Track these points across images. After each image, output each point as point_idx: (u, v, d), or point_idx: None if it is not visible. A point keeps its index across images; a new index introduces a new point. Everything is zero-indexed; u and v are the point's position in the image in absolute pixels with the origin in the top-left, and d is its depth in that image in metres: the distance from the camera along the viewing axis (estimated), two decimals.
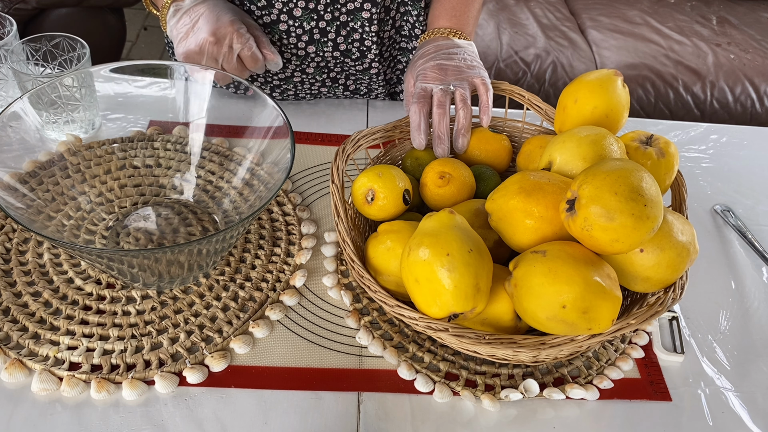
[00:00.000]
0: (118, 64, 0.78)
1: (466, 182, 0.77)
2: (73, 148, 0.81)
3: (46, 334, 0.67)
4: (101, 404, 0.63)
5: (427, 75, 0.83)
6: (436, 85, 0.81)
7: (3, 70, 0.85)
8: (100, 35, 1.89)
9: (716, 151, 1.05)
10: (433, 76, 0.83)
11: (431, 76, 0.83)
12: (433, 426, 0.65)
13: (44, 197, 0.75)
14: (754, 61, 2.02)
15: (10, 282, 0.71)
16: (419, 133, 0.79)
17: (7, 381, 0.64)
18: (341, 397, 0.66)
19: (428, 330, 0.62)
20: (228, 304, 0.72)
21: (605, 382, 0.69)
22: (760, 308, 0.80)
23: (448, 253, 0.61)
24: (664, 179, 0.73)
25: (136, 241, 0.76)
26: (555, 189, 0.66)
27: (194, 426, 0.62)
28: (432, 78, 0.83)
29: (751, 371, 0.73)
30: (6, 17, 0.86)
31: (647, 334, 0.75)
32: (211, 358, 0.67)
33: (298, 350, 0.69)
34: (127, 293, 0.71)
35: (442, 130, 0.79)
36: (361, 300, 0.75)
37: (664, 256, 0.63)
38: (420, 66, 0.85)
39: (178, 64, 0.80)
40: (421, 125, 0.79)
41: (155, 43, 2.69)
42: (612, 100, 0.76)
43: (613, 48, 1.99)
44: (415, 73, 0.85)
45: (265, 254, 0.77)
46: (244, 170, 0.82)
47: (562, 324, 0.60)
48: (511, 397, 0.66)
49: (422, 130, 0.79)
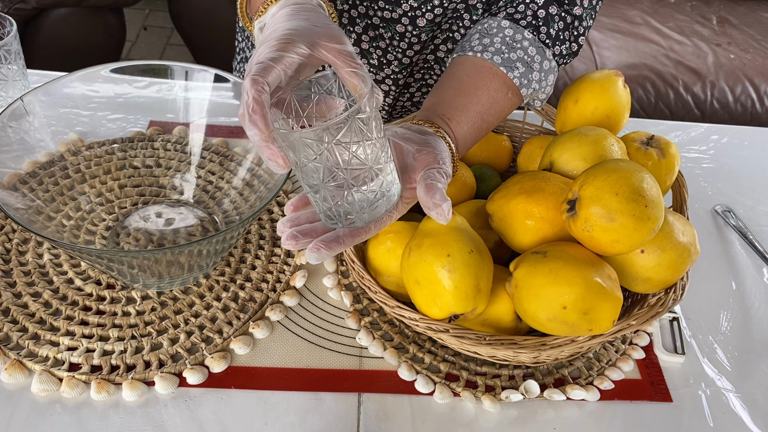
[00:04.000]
0: (118, 64, 0.78)
1: (466, 183, 0.76)
2: (73, 148, 0.81)
3: (45, 334, 0.67)
4: (101, 405, 0.63)
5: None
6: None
7: (3, 70, 0.85)
8: (100, 35, 1.89)
9: (717, 152, 1.05)
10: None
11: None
12: (434, 427, 0.65)
13: (44, 197, 0.75)
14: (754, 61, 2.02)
15: (10, 282, 0.71)
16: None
17: (7, 382, 0.63)
18: (341, 398, 0.66)
19: (429, 331, 0.62)
20: (228, 304, 0.72)
21: (606, 383, 0.69)
22: (760, 309, 0.80)
23: (448, 253, 0.60)
24: (664, 180, 0.73)
25: (136, 242, 0.76)
26: (556, 190, 0.66)
27: (194, 427, 0.62)
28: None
29: (752, 372, 0.73)
30: (6, 17, 0.85)
31: (648, 335, 0.75)
32: (211, 358, 0.67)
33: (299, 351, 0.69)
34: (127, 294, 0.71)
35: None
36: (361, 301, 0.74)
37: (664, 257, 0.63)
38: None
39: (178, 64, 0.79)
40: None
41: (155, 43, 2.69)
42: (613, 101, 0.76)
43: (614, 48, 1.99)
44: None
45: (265, 255, 0.77)
46: (244, 170, 0.82)
47: (563, 325, 0.60)
48: (512, 398, 0.66)
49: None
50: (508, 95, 0.72)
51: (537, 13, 0.73)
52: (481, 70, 0.72)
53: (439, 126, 0.66)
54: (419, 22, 0.85)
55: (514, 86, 0.72)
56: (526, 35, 0.73)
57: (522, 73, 0.71)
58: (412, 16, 0.84)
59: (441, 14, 0.85)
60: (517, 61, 0.71)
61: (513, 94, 0.72)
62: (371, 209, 0.55)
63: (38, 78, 0.91)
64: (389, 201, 0.55)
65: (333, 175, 0.52)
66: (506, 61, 0.71)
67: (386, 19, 0.86)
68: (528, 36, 0.73)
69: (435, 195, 0.57)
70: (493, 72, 0.71)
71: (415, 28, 0.86)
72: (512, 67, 0.71)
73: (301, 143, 0.50)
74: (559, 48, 0.74)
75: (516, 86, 0.72)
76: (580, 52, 0.77)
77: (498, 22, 0.74)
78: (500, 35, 0.72)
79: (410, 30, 0.86)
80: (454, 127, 0.68)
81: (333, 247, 0.56)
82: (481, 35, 0.73)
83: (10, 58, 0.84)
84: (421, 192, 0.58)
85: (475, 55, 0.72)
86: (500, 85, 0.71)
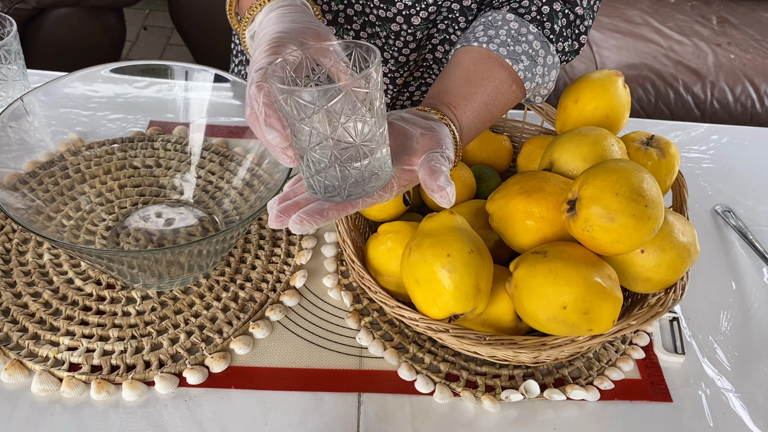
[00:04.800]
0: (118, 64, 0.78)
1: (466, 182, 0.76)
2: (73, 148, 0.81)
3: (45, 334, 0.67)
4: (101, 405, 0.63)
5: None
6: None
7: (3, 70, 0.85)
8: (100, 35, 1.89)
9: (717, 152, 1.05)
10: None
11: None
12: (434, 427, 0.65)
13: (44, 197, 0.75)
14: (754, 61, 2.02)
15: (10, 282, 0.71)
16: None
17: (7, 382, 0.63)
18: (341, 398, 0.66)
19: (429, 331, 0.62)
20: (228, 304, 0.72)
21: (606, 383, 0.69)
22: (760, 309, 0.80)
23: (448, 253, 0.60)
24: (664, 180, 0.73)
25: (136, 242, 0.76)
26: (555, 189, 0.66)
27: (194, 427, 0.62)
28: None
29: (752, 372, 0.73)
30: (6, 17, 0.85)
31: (648, 335, 0.75)
32: (211, 358, 0.67)
33: (299, 351, 0.69)
34: (127, 294, 0.71)
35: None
36: (361, 301, 0.74)
37: (664, 257, 0.63)
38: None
39: (178, 64, 0.79)
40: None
41: (155, 43, 2.69)
42: (613, 101, 0.76)
43: (614, 48, 1.99)
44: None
45: (265, 255, 0.77)
46: (244, 170, 0.82)
47: (563, 325, 0.60)
48: (512, 397, 0.66)
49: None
50: (513, 87, 0.72)
51: (541, 9, 0.73)
52: (487, 60, 0.71)
53: (444, 113, 0.66)
54: (414, 21, 0.85)
55: (518, 79, 0.72)
56: (531, 29, 0.72)
57: (527, 66, 0.71)
58: (406, 15, 0.84)
59: (435, 12, 0.85)
60: (522, 54, 0.71)
61: (517, 86, 0.72)
62: (353, 187, 0.54)
63: (38, 78, 0.91)
64: (374, 183, 0.55)
65: (320, 142, 0.51)
66: (512, 54, 0.71)
67: (381, 17, 0.86)
68: (533, 30, 0.72)
69: (439, 178, 0.56)
70: (499, 63, 0.71)
71: (410, 26, 0.85)
72: (517, 59, 0.71)
73: (293, 100, 0.50)
74: (562, 45, 0.74)
75: (521, 79, 0.72)
76: (580, 51, 0.77)
77: (503, 15, 0.73)
78: (505, 28, 0.72)
79: (405, 28, 0.86)
80: (459, 116, 0.68)
81: (317, 219, 0.54)
82: (485, 27, 0.73)
83: (10, 58, 0.84)
84: (423, 175, 0.57)
85: (480, 46, 0.72)
86: (505, 77, 0.71)
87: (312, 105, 0.49)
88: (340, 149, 0.52)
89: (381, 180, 0.55)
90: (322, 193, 0.55)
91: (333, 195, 0.54)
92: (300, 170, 0.56)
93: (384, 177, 0.55)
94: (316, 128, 0.50)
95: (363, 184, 0.54)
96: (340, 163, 0.52)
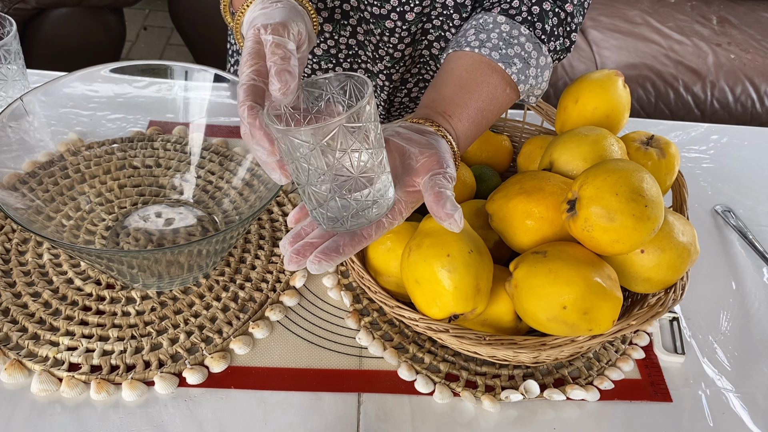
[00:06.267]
0: (118, 64, 0.78)
1: (466, 182, 0.76)
2: (72, 148, 0.81)
3: (45, 334, 0.67)
4: (101, 405, 0.63)
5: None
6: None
7: (3, 70, 0.85)
8: (100, 35, 1.89)
9: (717, 152, 1.05)
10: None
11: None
12: (434, 427, 0.64)
13: (44, 197, 0.75)
14: (754, 61, 2.02)
15: (9, 282, 0.71)
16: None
17: (7, 382, 0.63)
18: (341, 398, 0.66)
19: (428, 331, 0.62)
20: (228, 304, 0.72)
21: (606, 383, 0.69)
22: (760, 309, 0.80)
23: (448, 253, 0.60)
24: (664, 180, 0.73)
25: (136, 242, 0.76)
26: (555, 189, 0.66)
27: (194, 427, 0.62)
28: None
29: (752, 372, 0.73)
30: (6, 17, 0.85)
31: (648, 335, 0.75)
32: (211, 358, 0.67)
33: (298, 351, 0.69)
34: (126, 294, 0.71)
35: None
36: (361, 301, 0.74)
37: (664, 257, 0.63)
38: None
39: (178, 64, 0.79)
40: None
41: (155, 43, 2.69)
42: (613, 101, 0.76)
43: (614, 48, 1.99)
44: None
45: (265, 255, 0.77)
46: (244, 170, 0.82)
47: (563, 325, 0.60)
48: (512, 398, 0.66)
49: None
50: (507, 91, 0.72)
51: (531, 9, 0.73)
52: (479, 65, 0.71)
53: (439, 124, 0.66)
54: (408, 17, 0.85)
55: (512, 82, 0.72)
56: (523, 31, 0.72)
57: (519, 69, 0.71)
58: (400, 12, 0.84)
59: (429, 5, 0.85)
60: (514, 57, 0.71)
61: (511, 90, 0.72)
62: (355, 218, 0.54)
63: (38, 78, 0.91)
64: (376, 211, 0.55)
65: (318, 177, 0.52)
66: (504, 57, 0.71)
67: (375, 15, 0.86)
68: (524, 32, 0.72)
69: (446, 205, 0.56)
70: (492, 67, 0.71)
71: (405, 22, 0.86)
72: (510, 63, 0.71)
73: (288, 140, 0.51)
74: (554, 44, 0.74)
75: (514, 82, 0.72)
76: (574, 49, 0.77)
77: (494, 17, 0.73)
78: (497, 31, 0.72)
79: (399, 25, 0.86)
80: (455, 125, 0.68)
81: (333, 258, 0.55)
82: (477, 30, 0.73)
83: (10, 58, 0.84)
84: (430, 200, 0.57)
85: (472, 51, 0.71)
86: (499, 81, 0.71)
87: (306, 143, 0.50)
88: (339, 182, 0.52)
89: (382, 208, 0.55)
90: (326, 224, 0.55)
91: (337, 226, 0.55)
92: (303, 202, 0.57)
93: (385, 205, 0.55)
94: (313, 164, 0.51)
95: (365, 214, 0.55)
96: (339, 196, 0.53)
